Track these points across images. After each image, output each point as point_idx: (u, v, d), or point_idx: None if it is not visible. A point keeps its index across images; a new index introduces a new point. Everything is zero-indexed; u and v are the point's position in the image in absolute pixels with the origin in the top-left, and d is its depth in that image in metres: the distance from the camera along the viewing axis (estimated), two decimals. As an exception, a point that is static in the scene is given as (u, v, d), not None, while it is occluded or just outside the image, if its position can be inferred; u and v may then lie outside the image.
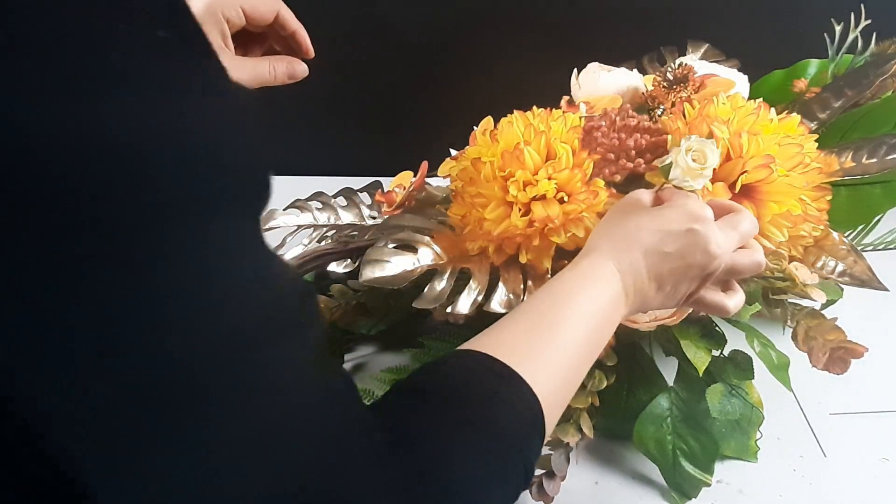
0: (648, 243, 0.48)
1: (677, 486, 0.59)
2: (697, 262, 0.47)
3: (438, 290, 0.60)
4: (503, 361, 0.39)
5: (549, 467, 0.56)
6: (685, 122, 0.61)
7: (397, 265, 0.62)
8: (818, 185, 0.61)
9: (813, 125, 0.69)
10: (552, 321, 0.43)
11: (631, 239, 0.48)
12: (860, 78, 0.70)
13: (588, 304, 0.45)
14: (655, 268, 0.48)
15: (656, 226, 0.48)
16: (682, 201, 0.50)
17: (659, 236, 0.48)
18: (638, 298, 0.48)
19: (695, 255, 0.47)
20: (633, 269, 0.47)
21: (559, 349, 0.42)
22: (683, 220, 0.48)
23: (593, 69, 0.74)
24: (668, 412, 0.61)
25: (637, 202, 0.52)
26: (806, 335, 0.57)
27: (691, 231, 0.47)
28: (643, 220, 0.49)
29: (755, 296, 0.59)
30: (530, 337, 0.42)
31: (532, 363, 0.40)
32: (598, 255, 0.48)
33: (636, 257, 0.48)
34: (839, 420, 0.67)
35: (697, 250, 0.47)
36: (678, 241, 0.47)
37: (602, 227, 0.52)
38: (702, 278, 0.49)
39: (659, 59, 0.83)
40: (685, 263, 0.47)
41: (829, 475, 0.61)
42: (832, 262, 0.60)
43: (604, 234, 0.51)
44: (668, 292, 0.49)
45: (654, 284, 0.48)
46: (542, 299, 0.45)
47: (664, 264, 0.48)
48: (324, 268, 0.74)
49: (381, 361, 0.75)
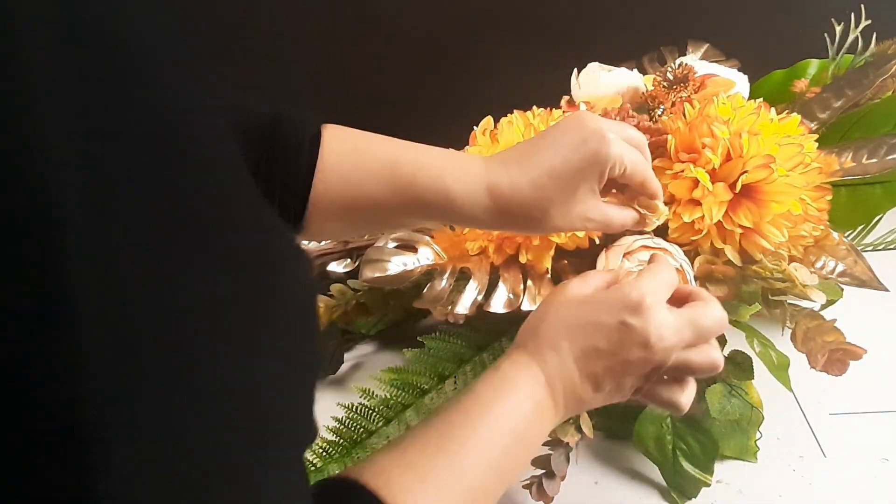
0: (578, 340, 0.42)
1: (677, 486, 0.59)
2: (636, 358, 0.42)
3: (438, 290, 0.60)
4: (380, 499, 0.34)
5: (549, 467, 0.56)
6: (685, 121, 0.61)
7: (397, 265, 0.62)
8: (818, 185, 0.61)
9: (813, 125, 0.69)
10: (460, 442, 0.38)
11: (558, 335, 0.43)
12: (860, 78, 0.70)
13: (505, 419, 0.40)
14: (588, 367, 0.42)
15: (587, 319, 0.43)
16: (621, 291, 0.43)
17: (589, 331, 0.42)
18: (571, 402, 0.43)
19: (631, 352, 0.41)
20: (561, 370, 0.42)
21: (463, 477, 0.37)
22: (616, 312, 0.42)
23: (593, 69, 0.74)
24: (667, 412, 0.61)
25: (568, 290, 0.46)
26: (805, 336, 0.57)
27: (625, 325, 0.41)
28: (573, 313, 0.44)
29: (755, 296, 0.59)
30: (432, 462, 0.37)
31: (426, 496, 0.35)
32: (521, 356, 0.43)
33: (564, 357, 0.42)
34: (839, 420, 0.67)
35: (633, 346, 0.41)
36: (611, 337, 0.42)
37: (530, 319, 0.46)
38: (646, 374, 0.43)
39: (659, 59, 0.83)
40: (622, 360, 0.42)
41: (829, 475, 0.61)
42: (832, 263, 0.60)
43: (530, 328, 0.45)
44: (608, 391, 0.43)
45: (590, 385, 0.42)
46: (455, 409, 0.40)
47: (598, 362, 0.42)
48: (324, 268, 0.74)
49: (381, 361, 0.75)
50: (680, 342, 0.42)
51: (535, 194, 0.44)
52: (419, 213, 0.46)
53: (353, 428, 0.62)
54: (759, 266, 0.57)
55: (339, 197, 0.45)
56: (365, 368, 0.75)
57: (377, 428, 0.62)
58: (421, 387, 0.63)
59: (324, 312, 0.68)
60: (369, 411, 0.63)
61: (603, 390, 0.43)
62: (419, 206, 0.45)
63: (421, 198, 0.45)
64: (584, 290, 0.46)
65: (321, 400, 0.32)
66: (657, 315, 0.41)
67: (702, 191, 0.57)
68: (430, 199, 0.45)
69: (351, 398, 0.66)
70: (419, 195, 0.45)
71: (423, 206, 0.45)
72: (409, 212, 0.46)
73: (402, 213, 0.46)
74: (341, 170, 0.45)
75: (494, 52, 1.01)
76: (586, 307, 0.44)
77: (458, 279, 0.61)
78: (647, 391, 0.44)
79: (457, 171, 0.45)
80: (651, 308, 0.41)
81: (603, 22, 0.99)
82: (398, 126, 0.84)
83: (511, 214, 0.45)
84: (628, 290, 0.42)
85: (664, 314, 0.42)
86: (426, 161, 0.45)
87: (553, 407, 0.42)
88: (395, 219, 0.49)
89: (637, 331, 0.41)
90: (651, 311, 0.41)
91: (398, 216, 0.47)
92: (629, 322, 0.41)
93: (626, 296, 0.42)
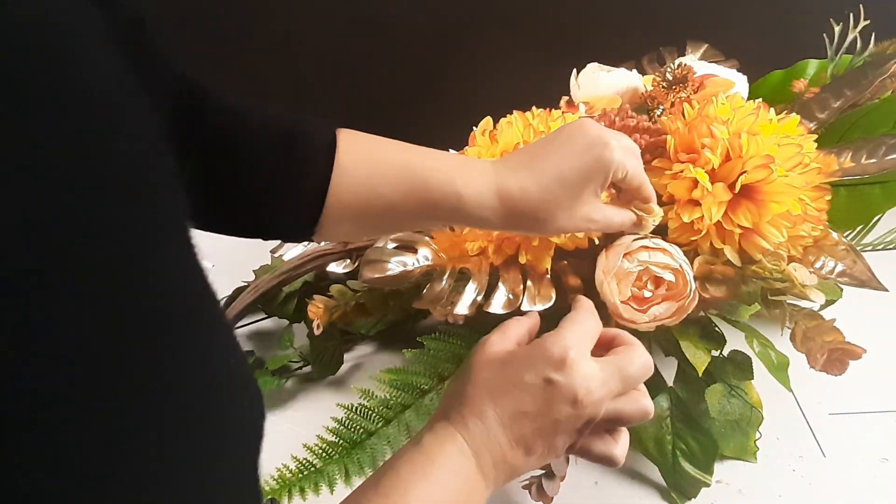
0: (503, 404, 0.41)
1: (677, 486, 0.59)
2: (565, 416, 0.40)
3: (438, 290, 0.60)
4: None
5: (549, 467, 0.56)
6: (684, 122, 0.61)
7: (397, 265, 0.62)
8: (817, 185, 0.61)
9: (812, 125, 0.69)
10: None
11: (482, 401, 0.41)
12: (859, 78, 0.70)
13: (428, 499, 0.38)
14: (516, 432, 0.40)
15: (510, 380, 0.41)
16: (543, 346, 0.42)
17: (514, 394, 0.41)
18: (502, 472, 0.41)
19: (559, 410, 0.40)
20: (487, 439, 0.40)
21: None
22: (540, 370, 0.41)
23: (593, 69, 0.74)
24: (667, 412, 0.61)
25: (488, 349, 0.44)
26: (804, 336, 0.57)
27: (550, 383, 0.40)
28: (495, 375, 0.42)
29: (754, 296, 0.59)
30: None
31: None
32: (444, 428, 0.41)
33: (490, 424, 0.40)
34: (838, 420, 0.67)
35: (561, 403, 0.40)
36: (536, 397, 0.40)
37: (452, 384, 0.45)
38: (578, 430, 0.42)
39: (658, 60, 0.83)
40: (551, 420, 0.40)
41: (829, 475, 0.61)
42: (831, 263, 0.60)
43: (452, 394, 0.43)
44: (541, 453, 0.41)
45: (521, 451, 0.41)
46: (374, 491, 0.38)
47: (526, 425, 0.40)
48: (324, 268, 0.74)
49: (381, 362, 0.75)
50: (608, 393, 0.41)
51: (543, 197, 0.45)
52: (431, 215, 0.47)
53: (352, 428, 0.62)
54: (758, 266, 0.58)
55: (354, 200, 0.46)
56: (365, 369, 0.75)
57: (377, 428, 0.62)
58: (421, 387, 0.63)
59: (324, 313, 0.68)
60: (369, 412, 0.63)
61: (535, 453, 0.41)
62: (431, 209, 0.46)
63: (433, 201, 0.46)
64: (505, 346, 0.45)
65: (321, 400, 0.31)
66: (582, 368, 0.41)
67: (701, 191, 0.57)
68: (441, 202, 0.46)
69: (351, 398, 0.66)
70: (431, 199, 0.46)
71: (435, 209, 0.46)
72: (421, 215, 0.47)
73: (414, 215, 0.47)
74: (357, 174, 0.46)
75: (493, 53, 1.01)
76: (508, 367, 0.42)
77: (457, 280, 0.61)
78: (581, 447, 0.43)
79: (467, 176, 0.46)
80: (575, 362, 0.41)
81: (602, 22, 0.99)
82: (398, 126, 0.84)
83: (519, 217, 0.46)
84: (550, 345, 0.41)
85: (589, 366, 0.41)
86: (438, 166, 0.46)
87: (482, 480, 0.40)
88: (407, 221, 0.50)
89: (563, 387, 0.40)
90: (575, 364, 0.41)
91: (410, 219, 0.48)
92: (554, 379, 0.40)
93: (548, 351, 0.41)
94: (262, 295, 0.74)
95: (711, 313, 0.62)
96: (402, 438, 0.62)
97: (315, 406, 0.69)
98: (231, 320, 0.73)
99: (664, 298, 0.56)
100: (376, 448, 0.62)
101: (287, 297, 0.78)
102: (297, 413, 0.68)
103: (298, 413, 0.68)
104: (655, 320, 0.56)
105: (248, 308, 0.74)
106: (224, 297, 0.79)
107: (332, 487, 0.60)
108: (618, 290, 0.56)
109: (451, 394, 0.44)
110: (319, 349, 0.71)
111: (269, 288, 0.74)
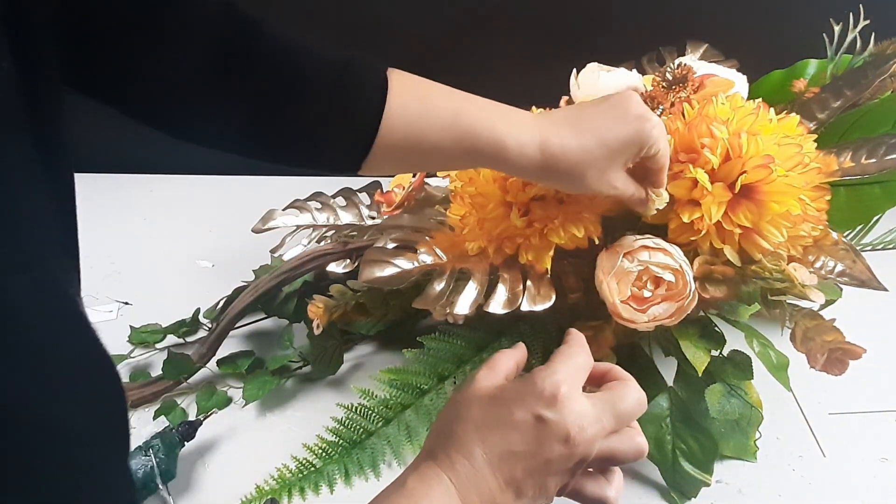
0: (492, 443, 0.39)
1: (677, 486, 0.59)
2: (557, 455, 0.38)
3: (438, 290, 0.60)
4: None
5: None
6: (684, 122, 0.61)
7: (397, 265, 0.62)
8: (817, 185, 0.61)
9: (812, 125, 0.69)
10: None
11: (470, 440, 0.39)
12: (859, 78, 0.70)
13: None
14: (506, 473, 0.38)
15: (499, 418, 0.39)
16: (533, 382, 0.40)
17: (503, 432, 0.39)
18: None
19: (551, 449, 0.38)
20: (476, 481, 0.38)
21: None
22: (530, 407, 0.39)
23: (593, 69, 0.74)
24: (667, 412, 0.61)
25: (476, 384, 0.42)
26: (804, 336, 0.57)
27: (541, 420, 0.38)
28: (484, 413, 0.40)
29: (754, 296, 0.59)
30: None
31: None
32: (430, 469, 0.39)
33: (479, 465, 0.38)
34: (838, 420, 0.67)
35: (553, 442, 0.38)
36: (526, 436, 0.38)
37: (439, 421, 0.43)
38: (570, 470, 0.40)
39: (658, 59, 0.83)
40: (543, 459, 0.38)
41: (829, 475, 0.61)
42: (831, 262, 0.60)
43: (439, 432, 0.41)
44: (532, 495, 0.39)
45: (511, 493, 0.39)
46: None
47: (516, 466, 0.38)
48: (323, 268, 0.74)
49: (380, 361, 0.75)
50: (601, 431, 0.40)
51: (581, 156, 0.48)
52: (474, 160, 0.50)
53: (352, 428, 0.62)
54: (758, 266, 0.57)
55: (402, 140, 0.48)
56: (364, 369, 0.75)
57: (377, 428, 0.62)
58: (420, 387, 0.63)
59: (323, 313, 0.68)
60: (369, 412, 0.63)
61: (526, 495, 0.39)
62: (475, 154, 0.49)
63: (478, 149, 0.48)
64: (494, 381, 0.43)
65: (321, 400, 0.31)
66: (574, 405, 0.39)
67: (701, 191, 0.57)
68: (486, 149, 0.48)
69: (350, 398, 0.66)
70: (476, 145, 0.48)
71: (479, 155, 0.49)
72: (465, 158, 0.49)
73: (458, 158, 0.50)
74: (407, 116, 0.48)
75: (493, 53, 1.01)
76: (498, 403, 0.40)
77: (457, 279, 0.61)
78: (573, 489, 0.42)
79: (513, 127, 0.48)
80: (567, 398, 0.39)
81: (602, 22, 0.99)
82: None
83: (554, 171, 0.49)
84: (541, 381, 0.40)
85: (582, 403, 0.40)
86: (485, 114, 0.49)
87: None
88: (451, 163, 0.53)
89: (554, 425, 0.38)
90: (567, 401, 0.39)
91: (454, 161, 0.51)
92: (545, 416, 0.38)
93: (539, 387, 0.40)
94: (262, 295, 0.74)
95: (711, 313, 0.62)
96: (401, 438, 0.62)
97: (315, 406, 0.69)
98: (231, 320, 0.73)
99: (664, 298, 0.56)
100: (376, 448, 0.62)
101: (287, 297, 0.78)
102: (297, 413, 0.69)
103: (298, 413, 0.69)
104: (655, 320, 0.56)
105: (248, 308, 0.74)
106: (224, 297, 0.79)
107: (331, 487, 0.60)
108: (617, 290, 0.56)
109: (437, 432, 0.42)
110: (319, 349, 0.71)
111: (269, 288, 0.74)
